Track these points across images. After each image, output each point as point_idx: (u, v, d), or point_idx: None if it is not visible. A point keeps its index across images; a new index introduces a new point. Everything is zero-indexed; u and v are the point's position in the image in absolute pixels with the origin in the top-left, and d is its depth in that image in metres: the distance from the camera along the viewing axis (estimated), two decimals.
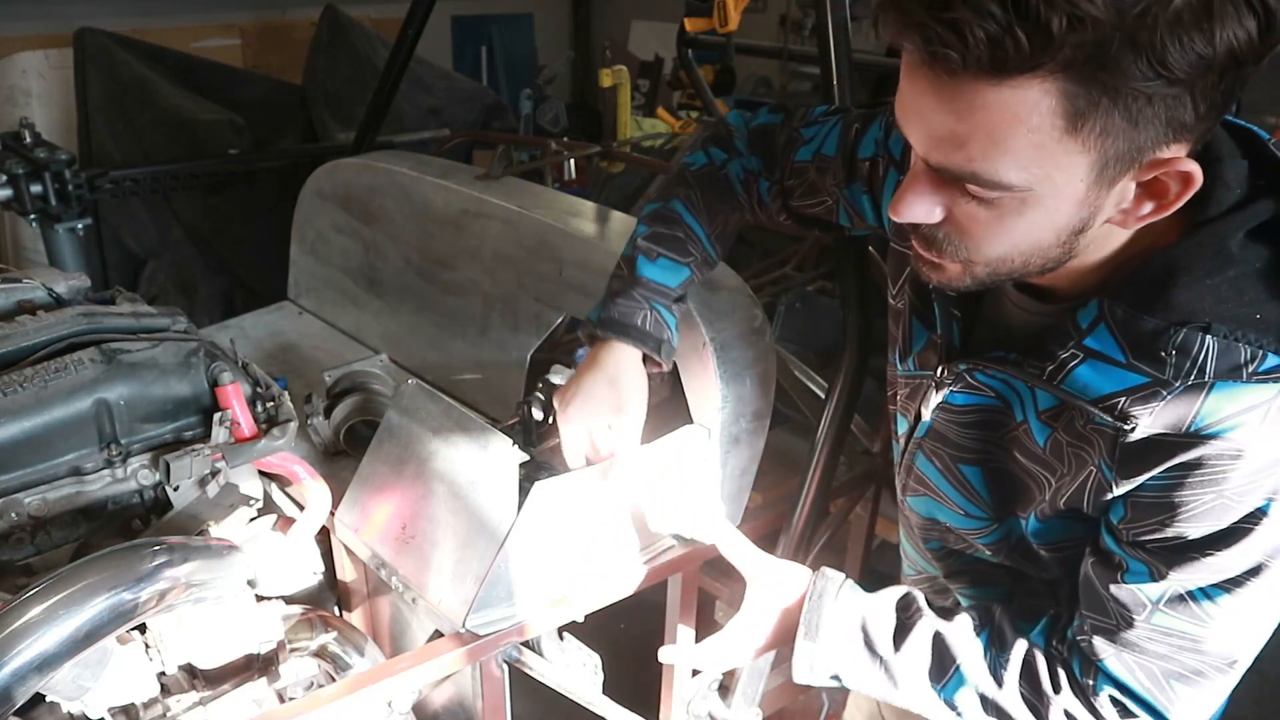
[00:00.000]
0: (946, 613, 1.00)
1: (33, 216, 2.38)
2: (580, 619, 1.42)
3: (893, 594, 1.03)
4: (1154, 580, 0.84)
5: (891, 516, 1.84)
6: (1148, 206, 0.75)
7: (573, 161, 2.88)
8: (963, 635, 0.97)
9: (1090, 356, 0.80)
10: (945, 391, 0.96)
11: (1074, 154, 0.70)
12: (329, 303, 2.16)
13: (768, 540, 1.51)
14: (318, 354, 2.01)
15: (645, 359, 1.21)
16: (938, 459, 1.02)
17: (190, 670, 1.22)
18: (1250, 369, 0.74)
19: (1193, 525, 0.80)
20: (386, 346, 1.95)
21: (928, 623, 0.98)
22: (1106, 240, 0.80)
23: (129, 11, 4.21)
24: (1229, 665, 0.86)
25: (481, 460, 1.33)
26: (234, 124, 3.16)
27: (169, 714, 1.17)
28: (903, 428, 1.08)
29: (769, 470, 1.57)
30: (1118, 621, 0.87)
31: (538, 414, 1.49)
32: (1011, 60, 0.65)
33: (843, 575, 1.04)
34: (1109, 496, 0.85)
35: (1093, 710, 0.91)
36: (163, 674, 1.20)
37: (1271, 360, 0.74)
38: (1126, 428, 0.79)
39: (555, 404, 1.25)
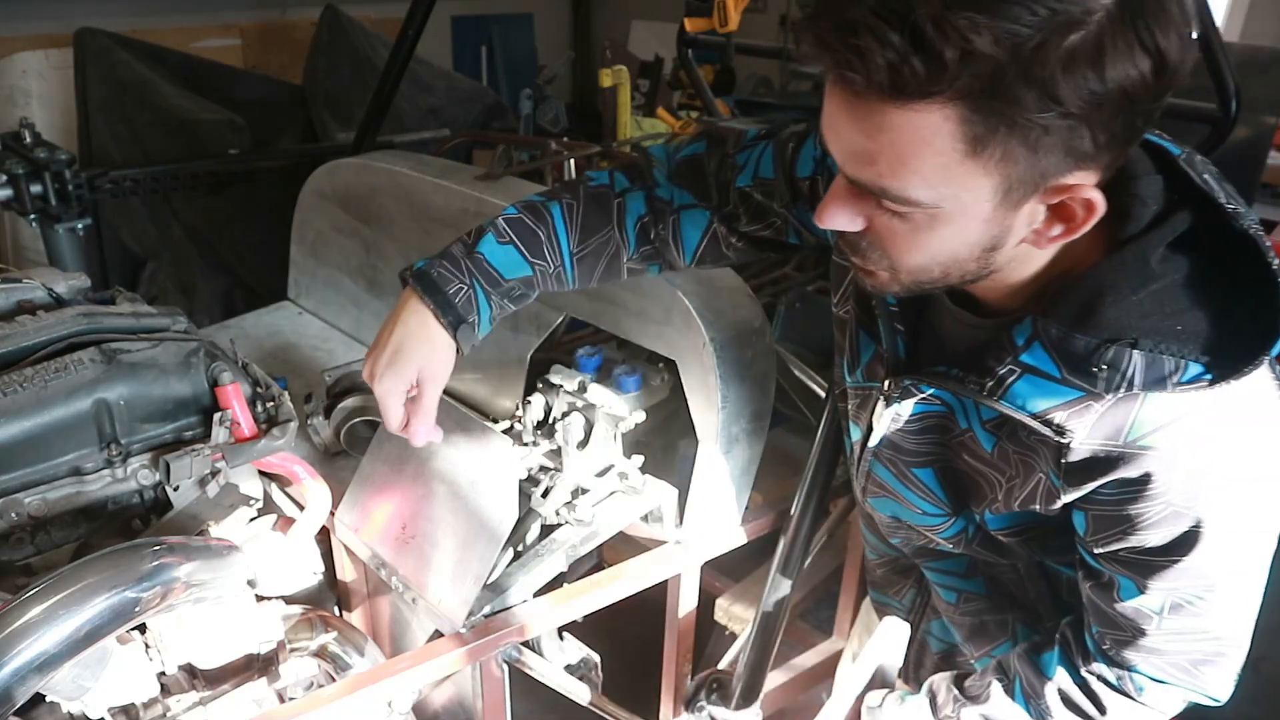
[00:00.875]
0: (976, 693, 1.04)
1: (33, 216, 2.38)
2: (580, 619, 1.42)
3: (922, 699, 1.08)
4: (1143, 593, 0.89)
5: None
6: (1057, 229, 0.78)
7: (573, 161, 2.87)
8: (1003, 707, 1.02)
9: (1027, 372, 0.83)
10: (893, 404, 0.99)
11: (977, 176, 0.73)
12: (329, 303, 2.16)
13: (768, 540, 1.51)
14: (318, 354, 2.01)
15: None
16: (892, 465, 1.06)
17: (190, 670, 1.22)
18: (1175, 379, 0.78)
19: (1150, 534, 0.85)
20: None
21: (970, 713, 1.04)
22: (1029, 259, 0.84)
23: (129, 11, 4.21)
24: (1244, 637, 0.92)
25: (481, 460, 1.33)
26: (234, 124, 3.16)
27: (169, 714, 1.17)
28: (856, 435, 1.11)
29: (769, 470, 1.57)
30: (1133, 634, 0.92)
31: (537, 414, 1.49)
32: (910, 86, 0.68)
33: (881, 696, 1.09)
34: (1060, 502, 0.90)
35: (1142, 707, 0.97)
36: (163, 674, 1.20)
37: (1193, 369, 0.78)
38: (1064, 440, 0.84)
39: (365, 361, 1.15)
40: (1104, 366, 0.79)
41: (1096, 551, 0.91)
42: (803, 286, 2.17)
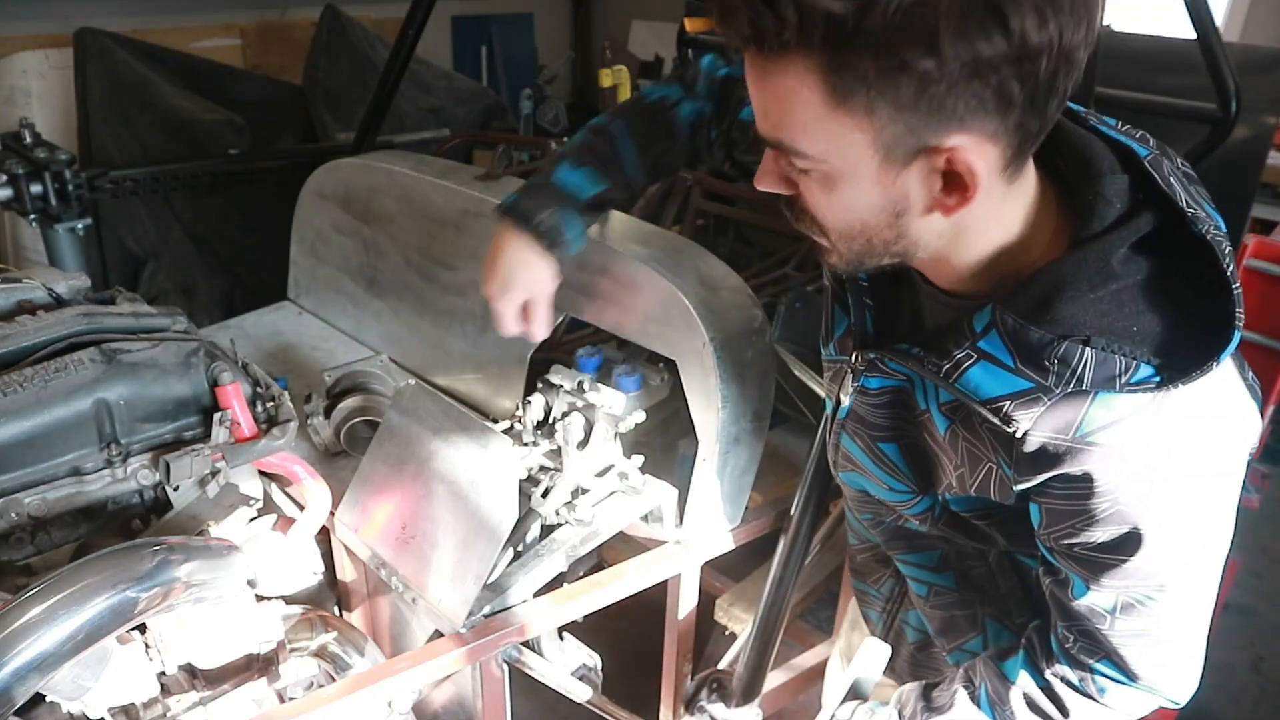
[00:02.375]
0: (942, 703, 1.06)
1: (33, 216, 2.38)
2: (580, 619, 1.42)
3: (891, 710, 1.10)
4: (1093, 590, 0.91)
5: None
6: (954, 198, 0.79)
7: None
8: (968, 715, 1.04)
9: (983, 358, 0.85)
10: (860, 377, 1.02)
11: (849, 129, 0.76)
12: (329, 303, 2.16)
13: (768, 540, 1.51)
14: (318, 354, 2.01)
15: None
16: (859, 438, 1.08)
17: (190, 670, 1.22)
18: (1124, 379, 0.79)
19: (1097, 530, 0.87)
20: (386, 346, 1.95)
21: None
22: (966, 236, 0.85)
23: (129, 11, 4.20)
24: (1197, 640, 0.94)
25: (481, 460, 1.33)
26: (234, 124, 3.16)
27: (169, 714, 1.17)
28: (829, 408, 1.15)
29: (769, 470, 1.57)
30: (1092, 632, 0.94)
31: (537, 414, 1.49)
32: (768, 41, 0.73)
33: (852, 708, 1.12)
34: (1015, 491, 0.91)
35: (1104, 709, 0.98)
36: (163, 674, 1.20)
37: (1144, 371, 0.79)
38: (1009, 430, 0.85)
39: (481, 281, 1.32)
40: (1055, 361, 0.80)
41: (1051, 545, 0.93)
42: (803, 286, 2.17)
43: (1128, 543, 0.86)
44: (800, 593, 1.78)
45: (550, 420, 1.48)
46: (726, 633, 1.84)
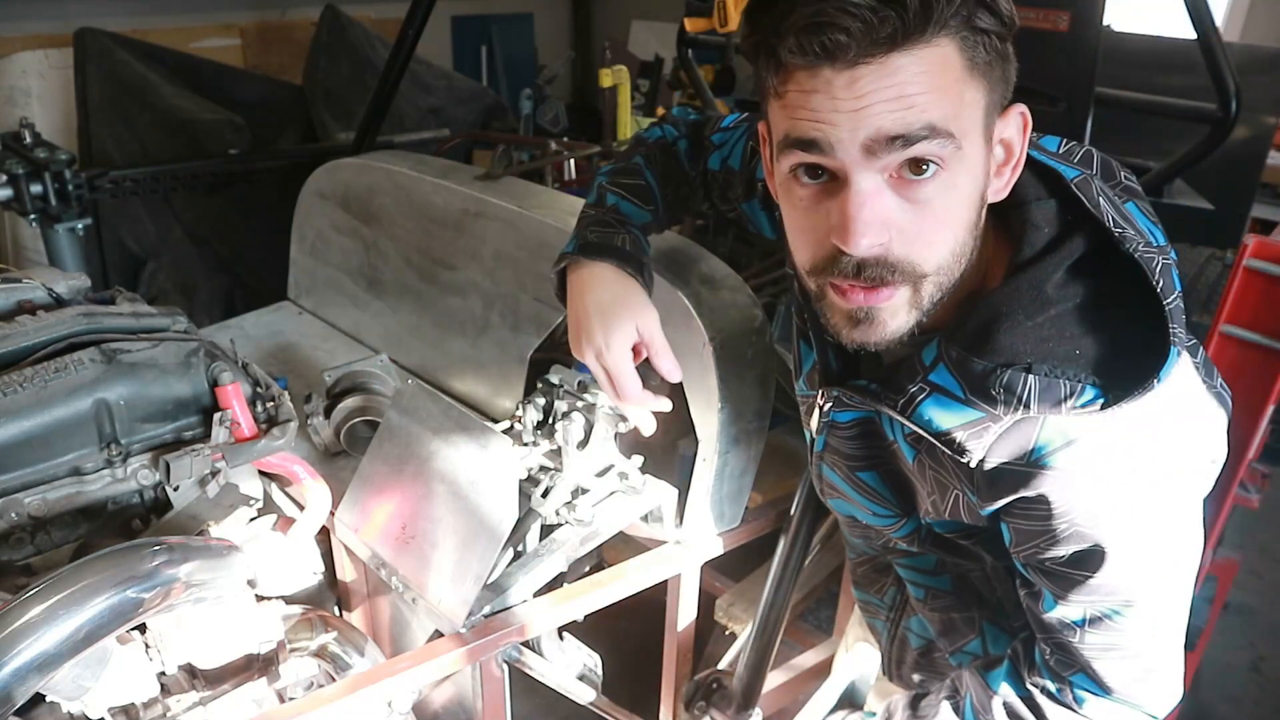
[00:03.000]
0: (925, 713, 1.07)
1: (33, 216, 2.38)
2: (580, 619, 1.42)
3: (880, 718, 1.12)
4: (1061, 604, 0.92)
5: None
6: (1004, 174, 0.84)
7: (573, 161, 2.88)
8: None
9: (935, 391, 0.86)
10: (829, 412, 1.03)
11: (977, 97, 0.78)
12: (329, 303, 2.16)
13: (768, 540, 1.51)
14: (318, 354, 2.01)
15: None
16: (838, 468, 1.09)
17: (190, 670, 1.22)
18: (1070, 403, 0.80)
19: (1060, 548, 0.88)
20: (386, 346, 1.95)
21: None
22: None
23: (129, 11, 4.20)
24: (1170, 653, 0.95)
25: (481, 460, 1.33)
26: (234, 124, 3.16)
27: (169, 714, 1.17)
28: (807, 440, 1.15)
29: (769, 470, 1.57)
30: (1064, 642, 0.95)
31: (537, 414, 1.49)
32: (903, 31, 0.73)
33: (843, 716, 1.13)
34: (983, 514, 0.93)
35: (1084, 718, 0.98)
36: (163, 674, 1.20)
37: (1089, 393, 0.80)
38: (963, 460, 0.87)
39: (574, 351, 1.15)
40: (1001, 389, 0.81)
41: (1021, 560, 0.94)
42: None
43: (1089, 559, 0.88)
44: (800, 593, 1.78)
45: (550, 420, 1.48)
46: (726, 633, 1.84)
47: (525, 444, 1.46)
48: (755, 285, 2.06)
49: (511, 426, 1.49)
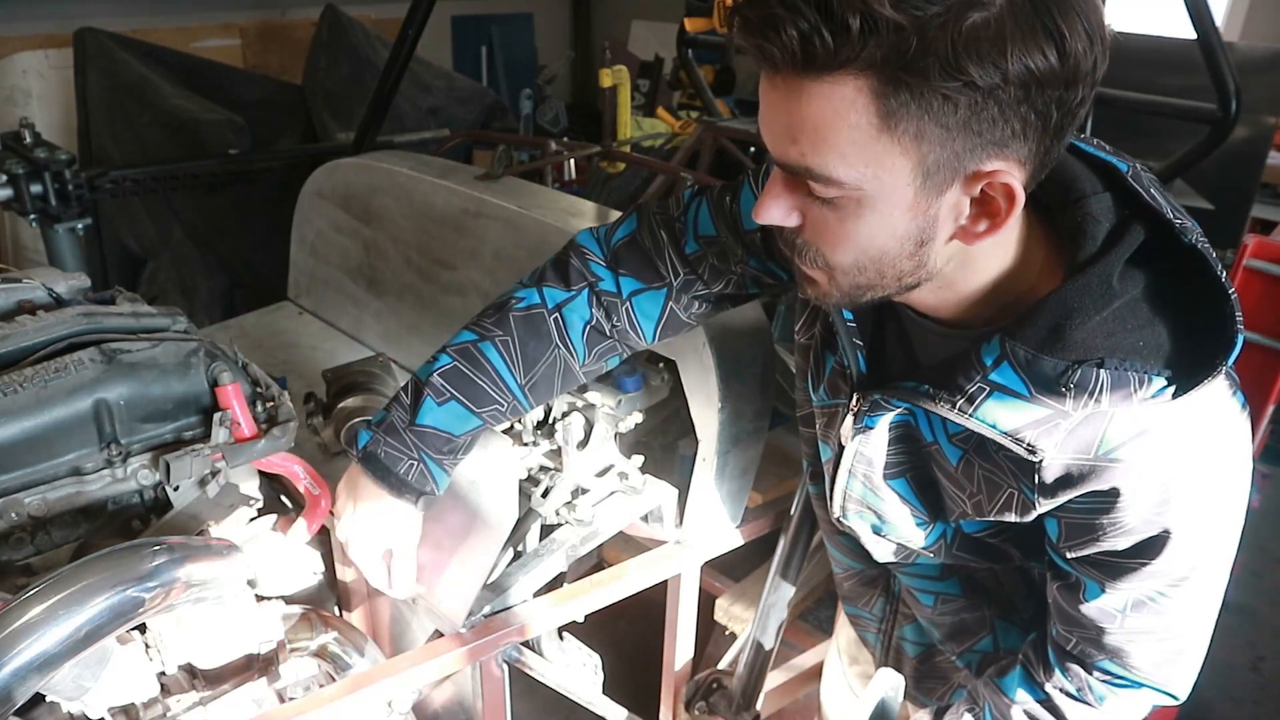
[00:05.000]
0: None
1: (33, 216, 2.38)
2: (580, 619, 1.42)
3: None
4: (1107, 593, 0.92)
5: None
6: (983, 224, 0.79)
7: (573, 161, 2.88)
8: None
9: (996, 390, 0.84)
10: (862, 418, 1.00)
11: (894, 155, 0.74)
12: (329, 303, 2.16)
13: (768, 540, 1.51)
14: (318, 354, 2.01)
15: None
16: (867, 480, 1.06)
17: (190, 670, 1.21)
18: (1140, 394, 0.80)
19: (1120, 539, 0.88)
20: (386, 346, 1.95)
21: None
22: (972, 265, 0.85)
23: (129, 11, 4.20)
24: (1204, 634, 0.95)
25: (481, 460, 1.33)
26: (234, 124, 3.16)
27: (169, 714, 1.17)
28: (827, 454, 1.11)
29: (769, 470, 1.57)
30: (1095, 633, 0.95)
31: (537, 414, 1.49)
32: (820, 58, 0.71)
33: None
34: (1035, 513, 0.91)
35: (1103, 716, 1.00)
36: (163, 674, 1.20)
37: (1157, 383, 0.79)
38: (1035, 458, 0.85)
39: (338, 519, 1.22)
40: (1072, 386, 0.80)
41: (1068, 556, 0.93)
42: None
43: (1151, 546, 0.87)
44: (800, 593, 1.78)
45: (550, 420, 1.48)
46: (726, 633, 1.84)
47: (525, 444, 1.46)
48: None
49: (511, 426, 1.49)
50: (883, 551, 1.15)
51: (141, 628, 1.18)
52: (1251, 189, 2.96)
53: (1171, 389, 0.79)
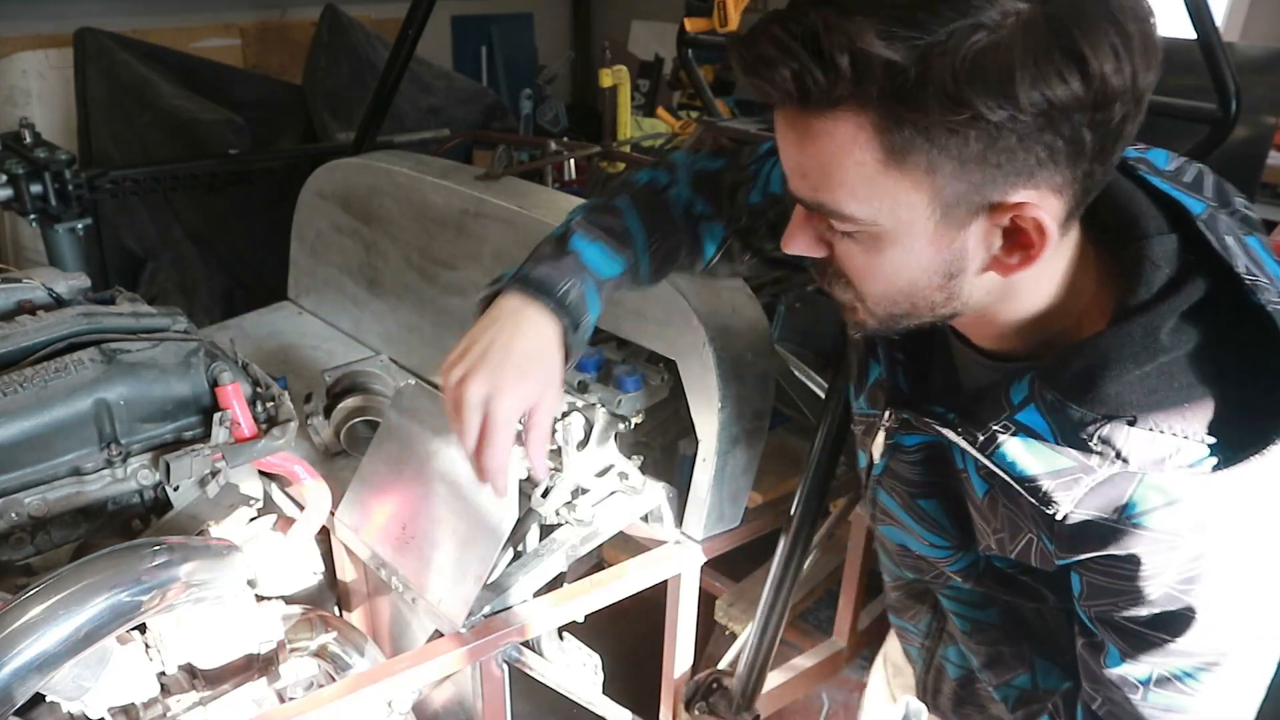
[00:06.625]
0: None
1: (33, 216, 2.38)
2: (580, 619, 1.42)
3: None
4: (1127, 662, 0.85)
5: None
6: (1016, 256, 0.74)
7: (573, 161, 2.88)
8: None
9: (1021, 431, 0.79)
10: (893, 435, 0.97)
11: (906, 189, 0.70)
12: (329, 303, 2.16)
13: (768, 540, 1.51)
14: (318, 354, 2.01)
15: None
16: (896, 494, 1.02)
17: (190, 670, 1.21)
18: (1175, 460, 0.73)
19: (1141, 609, 0.81)
20: (386, 346, 1.95)
21: None
22: (1015, 295, 0.80)
23: (129, 11, 4.20)
24: (1246, 718, 0.87)
25: None
26: (234, 124, 3.16)
27: (169, 714, 1.17)
28: (863, 462, 1.09)
29: (769, 470, 1.57)
30: (1122, 699, 0.88)
31: None
32: (814, 95, 0.68)
33: None
34: (1056, 565, 0.85)
35: None
36: (163, 674, 1.20)
37: (1195, 452, 0.73)
38: (1049, 512, 0.79)
39: (445, 370, 0.98)
40: (1098, 440, 0.75)
41: (1091, 614, 0.87)
42: (803, 286, 2.17)
43: (1174, 622, 0.80)
44: (800, 593, 1.78)
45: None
46: (726, 633, 1.84)
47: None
48: (755, 285, 2.06)
49: None
50: (913, 568, 1.12)
51: (141, 628, 1.19)
52: (1252, 189, 2.96)
53: (1213, 460, 0.72)
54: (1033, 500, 0.80)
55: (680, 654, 1.60)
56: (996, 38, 0.63)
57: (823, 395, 1.62)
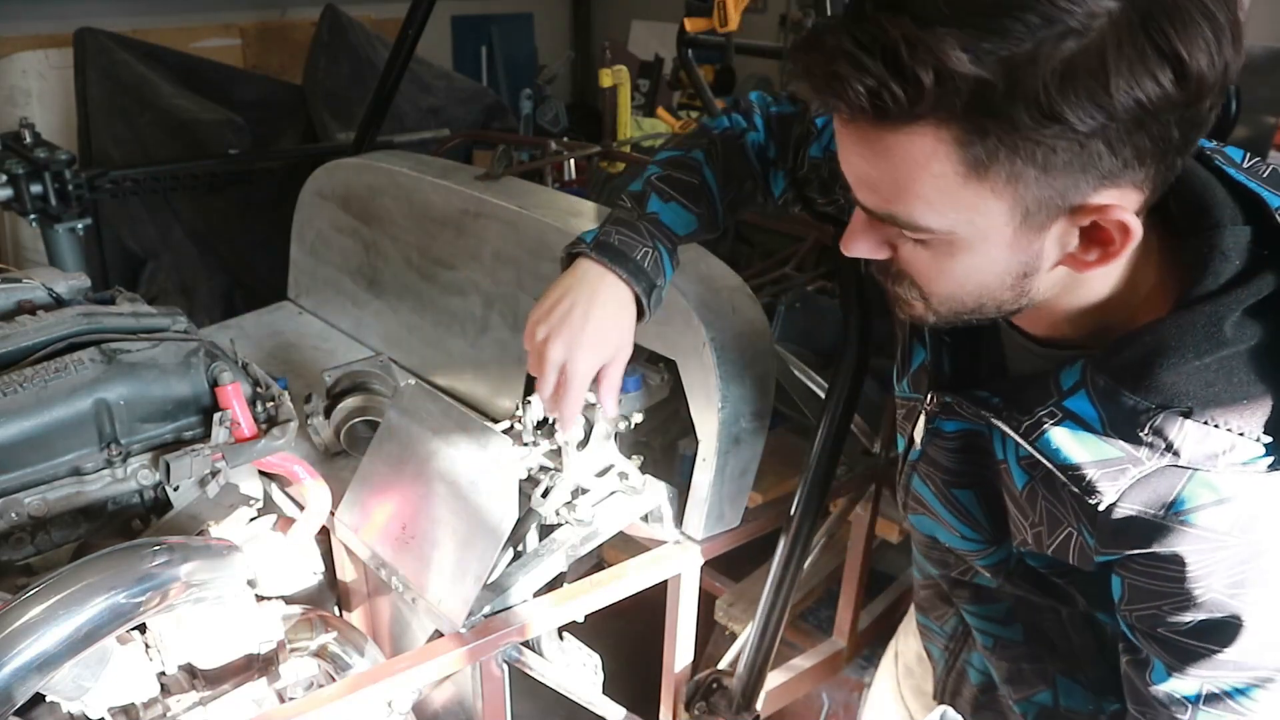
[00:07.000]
0: None
1: (33, 216, 2.39)
2: (580, 619, 1.42)
3: None
4: (1175, 677, 0.81)
5: (891, 517, 1.84)
6: (1094, 253, 0.72)
7: (573, 161, 2.88)
8: None
9: (1068, 418, 0.77)
10: (934, 419, 0.95)
11: (986, 199, 0.69)
12: (329, 303, 2.16)
13: (768, 540, 1.51)
14: (318, 354, 2.01)
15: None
16: (931, 482, 1.00)
17: (190, 670, 1.21)
18: (1229, 457, 0.71)
19: (1185, 614, 0.77)
20: (386, 346, 1.95)
21: None
22: (1081, 286, 0.78)
23: (129, 11, 4.20)
24: None
25: (481, 460, 1.33)
26: (234, 124, 3.16)
27: (169, 714, 1.17)
28: (900, 446, 1.07)
29: (769, 470, 1.57)
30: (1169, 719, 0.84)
31: (537, 414, 1.49)
32: (893, 111, 0.65)
33: None
34: (1096, 561, 0.83)
35: None
36: (163, 674, 1.20)
37: (1252, 449, 0.71)
38: (1091, 501, 0.77)
39: (530, 328, 1.10)
40: (1150, 431, 0.72)
41: (1132, 623, 0.83)
42: (803, 286, 2.17)
43: (1220, 631, 0.76)
44: (800, 593, 1.78)
45: (550, 420, 1.47)
46: (726, 633, 1.84)
47: (525, 444, 1.46)
48: (755, 285, 2.06)
49: (511, 426, 1.49)
50: (940, 562, 1.10)
51: (141, 628, 1.19)
52: None
53: (1268, 460, 0.70)
54: (1075, 489, 0.77)
55: (680, 654, 1.60)
56: (1086, 42, 0.61)
57: (823, 395, 1.62)
